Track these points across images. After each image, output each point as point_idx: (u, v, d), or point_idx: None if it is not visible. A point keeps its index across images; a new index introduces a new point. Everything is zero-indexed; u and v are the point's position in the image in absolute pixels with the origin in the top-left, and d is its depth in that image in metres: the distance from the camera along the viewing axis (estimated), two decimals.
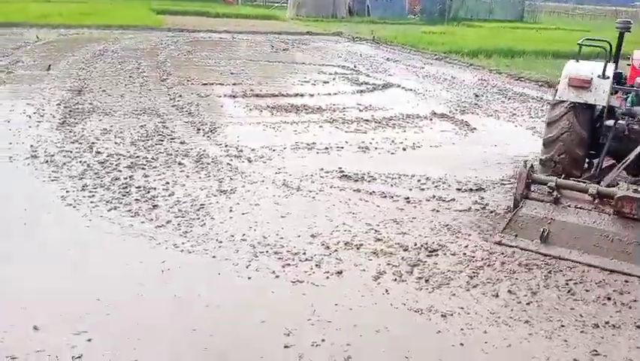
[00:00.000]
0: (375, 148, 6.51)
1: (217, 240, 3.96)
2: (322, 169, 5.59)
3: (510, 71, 12.94)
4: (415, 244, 4.07)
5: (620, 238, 3.86)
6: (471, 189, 5.25)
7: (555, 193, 4.16)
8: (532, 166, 4.48)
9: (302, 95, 9.21)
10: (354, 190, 5.10)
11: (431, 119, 8.04)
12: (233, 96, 8.86)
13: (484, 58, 14.85)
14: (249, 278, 3.52)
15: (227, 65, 11.92)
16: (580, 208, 4.08)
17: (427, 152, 6.51)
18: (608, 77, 4.81)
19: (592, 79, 4.81)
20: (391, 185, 5.28)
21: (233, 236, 4.03)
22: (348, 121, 7.67)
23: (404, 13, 29.65)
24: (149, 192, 4.76)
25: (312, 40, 18.72)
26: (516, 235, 4.13)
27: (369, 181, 5.34)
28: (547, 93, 10.64)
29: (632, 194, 3.90)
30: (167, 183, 4.99)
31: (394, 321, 3.17)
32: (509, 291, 3.50)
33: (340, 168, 5.63)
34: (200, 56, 13.09)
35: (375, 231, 4.28)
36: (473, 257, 3.92)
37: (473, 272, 3.72)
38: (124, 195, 4.65)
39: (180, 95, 8.60)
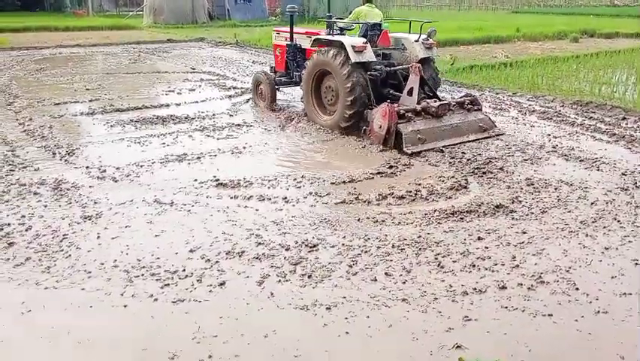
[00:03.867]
0: (250, 152, 6.48)
1: (85, 270, 3.69)
2: (196, 180, 5.44)
3: None
4: (296, 242, 4.12)
5: (445, 128, 6.66)
6: (344, 182, 5.41)
7: (409, 115, 6.57)
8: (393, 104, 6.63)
9: (168, 106, 8.89)
10: (231, 197, 5.03)
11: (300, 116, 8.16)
12: (91, 113, 8.30)
13: None
14: (125, 306, 3.32)
15: (82, 81, 11.15)
16: (420, 118, 6.65)
17: (300, 149, 6.61)
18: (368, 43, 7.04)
19: (365, 44, 6.90)
20: (268, 187, 5.29)
21: (103, 264, 3.78)
22: (219, 127, 7.54)
23: (265, 16, 29.81)
24: (2, 229, 4.31)
25: (173, 47, 18.16)
26: (412, 145, 6.31)
27: (245, 186, 5.30)
28: None
29: (442, 103, 6.79)
30: (23, 216, 4.55)
31: (281, 322, 3.18)
32: (386, 273, 3.67)
33: (215, 176, 5.52)
34: (50, 74, 12.10)
35: (256, 235, 4.26)
36: (351, 246, 4.06)
37: (352, 261, 3.84)
38: None
39: (30, 119, 7.89)
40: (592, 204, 4.87)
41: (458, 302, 3.36)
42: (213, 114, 8.35)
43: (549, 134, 7.14)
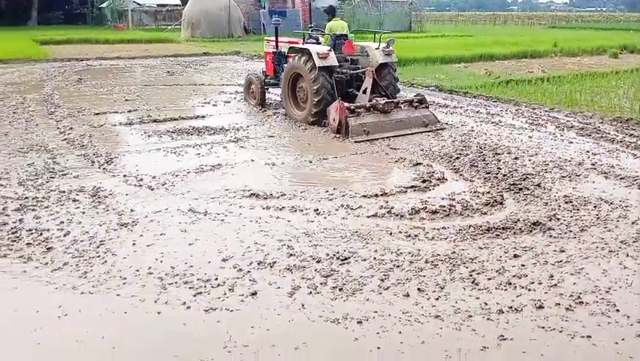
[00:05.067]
0: (282, 163, 6.52)
1: (120, 277, 3.75)
2: (229, 190, 5.50)
3: (403, 79, 13.52)
4: (328, 255, 4.10)
5: (391, 122, 7.78)
6: (376, 195, 5.38)
7: (360, 110, 7.74)
8: (341, 98, 7.93)
9: (203, 117, 9.05)
10: (264, 208, 5.06)
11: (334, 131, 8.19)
12: (130, 123, 8.52)
13: None
14: (159, 313, 3.35)
15: (121, 92, 11.46)
16: (370, 113, 7.79)
17: (332, 162, 6.62)
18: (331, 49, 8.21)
19: (329, 51, 8.06)
20: (300, 199, 5.30)
21: (138, 271, 3.84)
22: (253, 139, 7.63)
23: (300, 28, 30.16)
24: (41, 234, 4.43)
25: (209, 60, 18.52)
26: (357, 135, 7.44)
27: (277, 197, 5.32)
28: (437, 97, 11.25)
29: (388, 101, 8.02)
30: (62, 222, 4.67)
31: (312, 335, 3.16)
32: (418, 289, 3.62)
33: (247, 186, 5.57)
34: (90, 85, 12.48)
35: (288, 246, 4.26)
36: (383, 260, 4.02)
37: (384, 275, 3.80)
38: (14, 241, 4.29)
39: (71, 128, 8.13)
40: (633, 223, 4.71)
41: (493, 321, 3.28)
42: (247, 126, 8.45)
43: (588, 151, 6.96)
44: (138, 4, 37.69)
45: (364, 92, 8.12)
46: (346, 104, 7.71)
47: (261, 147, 7.26)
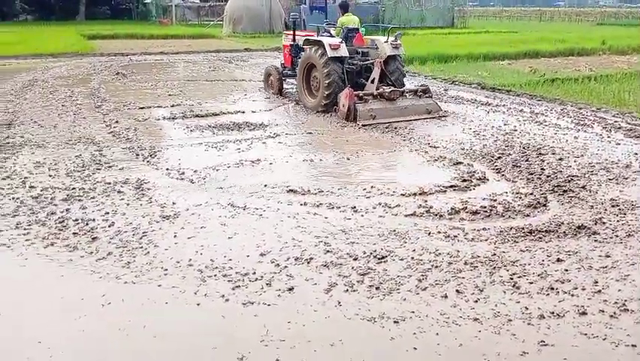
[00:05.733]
0: (320, 160, 6.54)
1: (162, 268, 3.85)
2: (268, 185, 5.55)
3: (444, 76, 13.34)
4: (364, 253, 4.10)
5: (396, 108, 8.51)
6: (414, 194, 5.33)
7: (367, 98, 8.50)
8: (351, 87, 8.52)
9: (243, 112, 9.15)
10: (302, 204, 5.09)
11: (372, 127, 8.16)
12: (173, 118, 8.70)
13: (418, 64, 15.25)
14: (198, 304, 3.43)
15: (165, 87, 11.70)
16: (377, 100, 8.51)
17: (370, 159, 6.60)
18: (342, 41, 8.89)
19: (340, 43, 8.73)
20: (338, 195, 5.30)
21: (179, 262, 3.93)
22: (292, 135, 7.68)
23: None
24: (87, 224, 4.58)
25: (250, 56, 18.69)
26: (364, 119, 8.17)
27: (315, 194, 5.34)
28: (480, 95, 11.03)
29: (394, 89, 8.65)
30: (107, 213, 4.82)
31: (348, 333, 3.16)
32: (457, 290, 3.57)
33: (286, 182, 5.61)
34: (135, 80, 12.80)
35: (325, 243, 4.27)
36: (421, 260, 3.98)
37: (422, 275, 3.77)
38: (61, 230, 4.46)
39: (117, 121, 8.37)
40: None
41: (534, 326, 3.21)
42: (286, 122, 8.51)
43: (636, 153, 6.70)
44: (182, 0, 38.38)
45: (372, 81, 8.82)
46: (355, 92, 8.36)
47: (299, 143, 7.30)
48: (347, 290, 3.59)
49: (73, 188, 5.41)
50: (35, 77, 12.89)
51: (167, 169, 6.08)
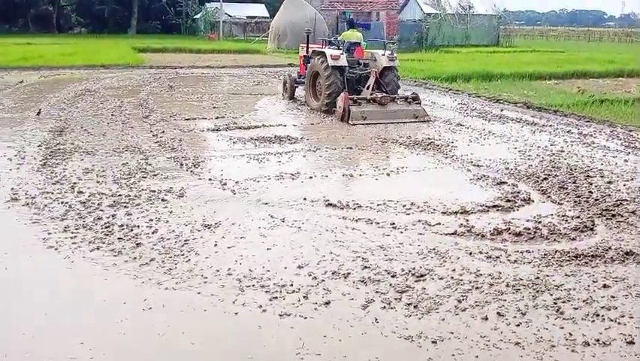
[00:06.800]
0: (360, 175, 6.54)
1: (202, 276, 3.91)
2: (307, 198, 5.58)
3: (488, 94, 13.16)
4: (403, 270, 4.05)
5: (386, 112, 9.68)
6: (456, 212, 5.25)
7: (361, 102, 9.75)
8: (350, 93, 9.93)
9: (285, 126, 9.26)
10: (340, 218, 5.09)
11: (415, 145, 8.11)
12: (217, 130, 8.88)
13: (462, 82, 15.11)
14: (236, 313, 3.46)
15: (210, 100, 11.98)
16: (370, 104, 9.75)
17: (410, 177, 6.55)
18: (343, 53, 10.28)
19: (340, 54, 10.05)
20: (377, 211, 5.28)
21: (218, 271, 3.98)
22: (333, 149, 7.71)
23: (381, 41, 30.19)
24: (132, 230, 4.71)
25: (294, 71, 18.88)
26: (355, 119, 9.29)
27: (354, 208, 5.33)
28: (525, 114, 10.82)
29: (385, 95, 9.92)
30: (151, 220, 4.94)
31: (385, 350, 3.12)
32: (498, 313, 3.48)
33: (325, 196, 5.62)
34: (182, 92, 13.15)
35: (363, 258, 4.25)
36: (461, 280, 3.91)
37: (462, 295, 3.69)
38: (106, 235, 4.59)
39: (163, 131, 8.60)
40: None
41: (578, 353, 3.09)
42: (327, 136, 8.56)
43: None
44: (229, 15, 39.35)
45: (367, 87, 10.13)
46: (350, 96, 9.63)
47: (339, 157, 7.32)
48: (384, 307, 3.55)
49: (120, 195, 5.57)
50: (87, 87, 13.42)
51: (210, 179, 6.19)
